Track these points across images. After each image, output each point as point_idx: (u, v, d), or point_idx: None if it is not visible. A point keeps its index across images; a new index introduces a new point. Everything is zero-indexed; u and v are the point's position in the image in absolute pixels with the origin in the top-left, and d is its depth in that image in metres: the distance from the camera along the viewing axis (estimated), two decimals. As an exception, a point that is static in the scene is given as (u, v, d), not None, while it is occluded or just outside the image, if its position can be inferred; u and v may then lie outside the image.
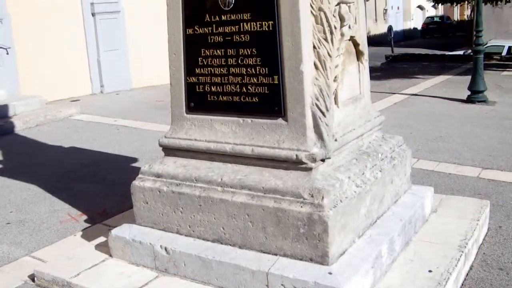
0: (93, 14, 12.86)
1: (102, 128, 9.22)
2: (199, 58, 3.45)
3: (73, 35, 12.58)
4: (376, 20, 40.86)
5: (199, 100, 3.51)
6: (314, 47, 3.17)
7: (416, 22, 48.76)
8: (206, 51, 3.41)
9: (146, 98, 12.16)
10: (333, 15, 3.26)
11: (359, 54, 3.78)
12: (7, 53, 10.81)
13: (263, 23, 3.17)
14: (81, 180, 6.21)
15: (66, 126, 9.53)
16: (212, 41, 3.38)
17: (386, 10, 43.12)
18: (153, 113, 10.20)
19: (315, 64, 3.18)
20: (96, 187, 5.93)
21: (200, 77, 3.48)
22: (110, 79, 13.13)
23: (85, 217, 4.98)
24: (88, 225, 4.77)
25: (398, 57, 21.14)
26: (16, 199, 5.64)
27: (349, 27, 3.44)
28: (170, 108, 3.68)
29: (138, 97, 12.45)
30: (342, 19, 3.33)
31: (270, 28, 3.15)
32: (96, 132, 8.95)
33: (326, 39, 3.21)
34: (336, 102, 3.41)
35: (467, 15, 42.75)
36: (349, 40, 3.55)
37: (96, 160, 7.11)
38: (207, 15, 3.38)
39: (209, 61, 3.42)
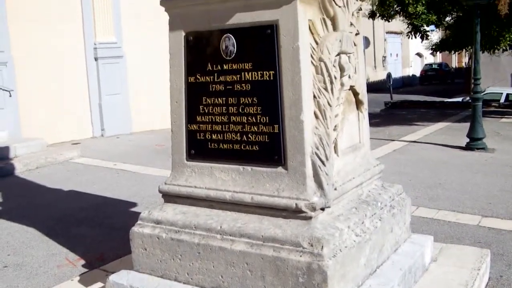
0: (95, 59, 13.03)
1: (102, 172, 9.23)
2: (201, 106, 3.49)
3: (75, 78, 12.72)
4: (375, 67, 41.36)
5: (199, 147, 3.54)
6: (314, 96, 3.22)
7: (415, 69, 49.35)
8: (208, 99, 3.46)
9: (146, 142, 12.21)
10: (333, 65, 3.31)
11: (358, 103, 3.82)
12: (10, 96, 10.93)
13: (264, 72, 3.22)
14: (79, 224, 6.19)
15: (66, 169, 9.55)
16: (213, 89, 3.43)
17: (385, 57, 43.69)
18: (153, 158, 10.23)
19: (315, 114, 3.21)
20: (95, 231, 5.91)
21: (201, 125, 3.52)
22: (111, 122, 13.21)
23: (82, 261, 4.95)
24: (85, 270, 4.73)
25: (397, 104, 21.33)
26: (14, 242, 5.61)
27: (349, 77, 3.49)
28: (171, 155, 3.70)
29: (138, 141, 12.50)
30: (342, 69, 3.38)
31: (271, 78, 3.20)
32: (96, 175, 8.96)
33: (326, 89, 3.25)
34: (336, 151, 3.44)
35: (465, 62, 43.30)
36: (349, 89, 3.60)
37: (95, 204, 7.10)
38: (209, 64, 3.43)
39: (210, 109, 3.46)
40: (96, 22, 13.06)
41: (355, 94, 3.74)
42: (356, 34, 3.71)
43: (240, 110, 3.33)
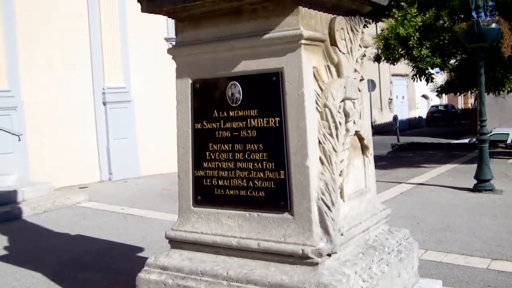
0: (104, 103, 13.19)
1: (109, 216, 9.23)
2: (207, 153, 3.53)
3: (84, 123, 12.86)
4: (381, 109, 41.53)
5: (206, 193, 3.56)
6: (319, 142, 3.25)
7: (421, 111, 49.49)
8: (214, 145, 3.50)
9: (154, 186, 12.23)
10: (338, 111, 3.35)
11: (364, 148, 3.85)
12: (19, 140, 11.05)
13: (270, 119, 3.26)
14: (85, 269, 6.17)
15: (74, 213, 9.56)
16: (220, 136, 3.47)
17: (391, 99, 43.91)
18: (160, 202, 10.24)
19: (320, 159, 3.24)
20: (100, 276, 5.88)
21: (207, 171, 3.55)
22: (119, 166, 13.28)
23: (88, 308, 4.92)
24: (91, 317, 4.70)
25: (404, 146, 21.33)
26: (20, 287, 5.59)
27: (354, 122, 3.53)
28: (178, 201, 3.73)
29: (146, 185, 12.53)
30: (347, 115, 3.42)
31: (277, 124, 3.24)
32: (103, 220, 8.96)
33: (331, 135, 3.29)
34: (342, 196, 3.45)
35: (471, 104, 43.43)
36: (354, 135, 3.63)
37: (102, 248, 7.08)
38: (215, 111, 3.49)
39: (217, 156, 3.49)
40: (105, 67, 13.27)
41: (361, 139, 3.77)
42: (361, 80, 3.76)
43: (246, 156, 3.37)
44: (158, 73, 13.35)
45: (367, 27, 13.84)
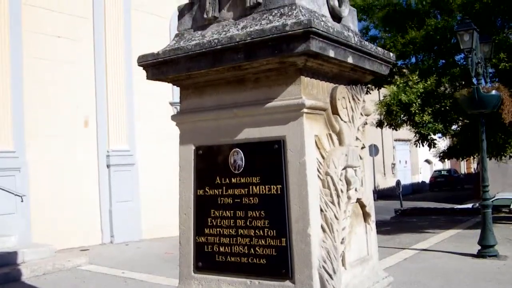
0: (108, 166, 13.27)
1: (110, 280, 9.12)
2: (209, 219, 3.54)
3: (87, 185, 12.89)
4: (384, 174, 41.55)
5: (207, 260, 3.55)
6: (321, 210, 3.26)
7: (424, 175, 49.47)
8: (216, 212, 3.51)
9: (155, 249, 12.14)
10: (340, 179, 3.38)
11: (366, 216, 3.85)
12: (22, 201, 11.05)
13: (272, 186, 3.29)
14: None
15: (74, 276, 9.45)
16: (222, 202, 3.48)
17: (394, 164, 43.99)
18: (162, 266, 10.14)
19: (322, 227, 3.24)
20: None
21: (209, 237, 3.54)
22: (121, 229, 13.23)
23: None
24: None
25: (407, 211, 21.23)
26: None
27: (356, 190, 3.55)
28: (179, 267, 3.70)
29: (147, 248, 12.44)
30: (348, 182, 3.44)
31: (279, 192, 3.26)
32: (103, 284, 8.85)
33: (333, 203, 3.30)
34: (343, 264, 3.43)
35: (474, 168, 43.41)
36: (356, 202, 3.64)
37: (101, 314, 6.97)
38: (217, 177, 3.51)
39: (218, 222, 3.50)
40: (110, 130, 13.42)
41: (362, 206, 3.78)
42: (362, 148, 3.80)
43: (248, 223, 3.37)
44: (163, 137, 13.47)
45: (370, 93, 14.09)
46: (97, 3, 13.70)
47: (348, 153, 3.46)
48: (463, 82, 14.29)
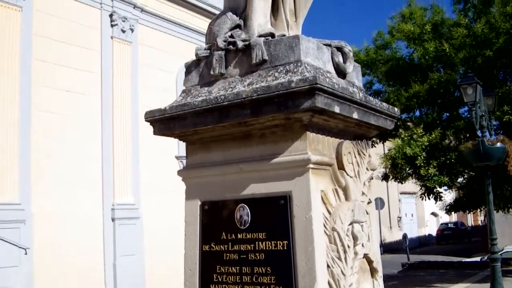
0: (113, 219, 13.22)
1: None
2: (214, 275, 3.49)
3: (91, 238, 12.82)
4: (390, 227, 41.19)
5: (213, 317, 3.49)
6: (328, 266, 3.22)
7: (431, 228, 49.01)
8: (222, 268, 3.47)
9: (159, 304, 11.95)
10: (347, 234, 3.35)
11: (373, 271, 3.80)
12: (26, 253, 10.97)
13: (278, 242, 3.26)
14: None
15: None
16: (227, 258, 3.45)
17: (400, 217, 43.66)
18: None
19: (329, 283, 3.20)
20: None
21: (214, 294, 3.49)
22: (125, 283, 13.07)
23: None
24: None
25: (415, 265, 20.96)
26: None
27: (363, 245, 3.52)
28: (183, 324, 3.65)
29: (151, 302, 12.25)
30: (355, 238, 3.41)
31: (285, 248, 3.23)
32: None
33: (339, 258, 3.27)
34: (351, 321, 3.37)
35: (481, 220, 43.00)
36: (363, 257, 3.61)
37: None
38: (223, 233, 3.49)
39: (224, 278, 3.45)
40: (115, 183, 13.43)
41: (369, 262, 3.74)
42: (368, 203, 3.79)
43: (254, 280, 3.33)
44: (168, 191, 13.46)
45: (375, 146, 14.14)
46: (105, 58, 13.94)
47: (354, 208, 3.45)
48: (468, 135, 14.35)
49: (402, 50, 16.80)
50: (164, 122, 3.62)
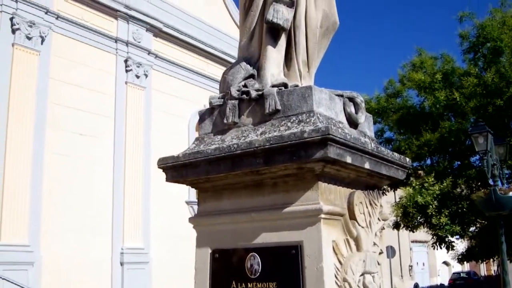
0: (121, 264, 13.14)
1: None
2: (224, 323, 3.46)
3: (99, 282, 12.74)
4: (402, 276, 40.56)
5: None
6: (339, 316, 3.19)
7: (443, 278, 48.20)
8: (232, 317, 3.44)
9: None
10: (358, 285, 3.32)
11: (385, 323, 3.75)
12: (33, 298, 10.90)
13: (289, 292, 3.24)
14: None
15: None
16: (237, 307, 3.43)
17: (411, 266, 43.02)
18: None
19: (341, 335, 3.16)
20: None
21: None
22: (131, 328, 12.91)
23: None
24: None
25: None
26: None
27: (374, 296, 3.48)
28: None
29: None
30: (366, 289, 3.39)
31: (296, 298, 3.20)
32: None
33: (351, 310, 3.23)
34: None
35: (494, 270, 42.27)
36: (375, 309, 3.56)
37: None
38: (233, 282, 3.46)
39: (234, 328, 3.42)
40: (125, 228, 13.43)
41: (381, 313, 3.69)
42: (380, 253, 3.76)
43: (264, 330, 3.29)
44: (178, 236, 13.42)
45: (386, 194, 14.03)
46: (119, 103, 14.12)
47: (366, 259, 3.42)
48: (479, 184, 14.26)
49: (413, 98, 16.93)
50: (177, 169, 3.64)
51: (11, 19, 12.12)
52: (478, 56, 16.14)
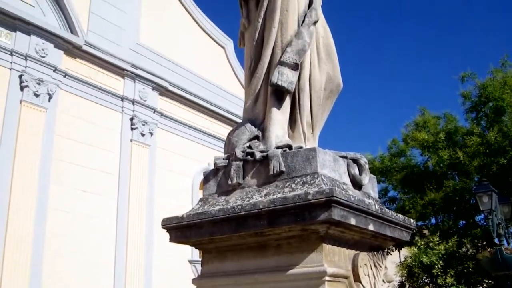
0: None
1: None
2: None
3: None
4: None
5: None
6: None
7: None
8: None
9: None
10: None
11: None
12: None
13: None
14: None
15: None
16: None
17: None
18: None
19: None
20: None
21: None
22: None
23: None
24: None
25: None
26: None
27: None
28: None
29: None
30: None
31: None
32: None
33: None
34: None
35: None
36: None
37: None
38: None
39: None
40: (127, 275, 13.28)
41: None
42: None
43: None
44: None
45: (390, 254, 13.94)
46: (124, 160, 14.17)
47: (371, 322, 3.38)
48: (485, 243, 14.14)
49: (416, 157, 16.98)
50: (180, 230, 3.64)
51: (20, 76, 12.31)
52: (480, 116, 16.28)
